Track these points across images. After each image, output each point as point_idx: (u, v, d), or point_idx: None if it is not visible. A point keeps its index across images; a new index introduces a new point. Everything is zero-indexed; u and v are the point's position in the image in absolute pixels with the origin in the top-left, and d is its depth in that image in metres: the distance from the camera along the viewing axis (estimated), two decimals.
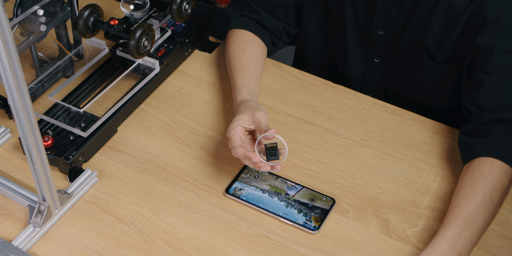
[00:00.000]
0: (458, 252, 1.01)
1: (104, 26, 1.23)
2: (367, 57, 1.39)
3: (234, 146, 1.08)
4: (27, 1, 1.18)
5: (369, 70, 1.41)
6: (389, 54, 1.37)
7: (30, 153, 0.97)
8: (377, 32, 1.33)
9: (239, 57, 1.31)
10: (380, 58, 1.38)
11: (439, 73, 1.31)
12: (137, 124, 1.26)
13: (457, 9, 1.20)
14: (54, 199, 1.06)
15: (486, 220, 1.04)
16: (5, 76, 0.87)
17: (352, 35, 1.38)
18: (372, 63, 1.39)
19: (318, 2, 1.39)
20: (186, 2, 1.28)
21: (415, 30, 1.28)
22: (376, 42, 1.35)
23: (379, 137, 1.23)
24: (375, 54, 1.38)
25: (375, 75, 1.42)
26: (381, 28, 1.32)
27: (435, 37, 1.26)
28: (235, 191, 1.13)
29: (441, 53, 1.28)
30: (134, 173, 1.17)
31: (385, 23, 1.30)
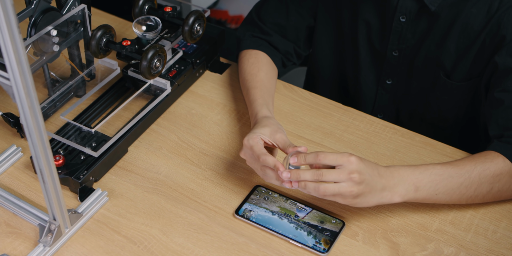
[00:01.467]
0: (417, 184, 1.05)
1: (116, 46, 1.24)
2: (379, 79, 1.40)
3: (263, 152, 1.07)
4: (41, 22, 1.19)
5: (381, 91, 1.41)
6: (402, 75, 1.37)
7: (42, 173, 0.98)
8: (391, 53, 1.33)
9: (255, 74, 1.32)
10: (392, 80, 1.38)
11: (456, 91, 1.32)
12: (147, 144, 1.27)
13: (474, 28, 1.21)
14: (65, 218, 1.07)
15: (462, 186, 1.07)
16: (19, 95, 0.88)
17: (365, 56, 1.38)
18: (384, 85, 1.40)
19: (331, 23, 1.40)
20: (198, 23, 1.30)
21: (431, 50, 1.29)
22: (389, 63, 1.36)
23: (389, 160, 1.23)
24: (387, 75, 1.38)
25: (386, 97, 1.42)
26: (396, 49, 1.32)
27: (451, 57, 1.27)
28: (245, 212, 1.13)
29: (458, 72, 1.28)
30: (144, 193, 1.17)
31: (400, 44, 1.31)
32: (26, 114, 0.90)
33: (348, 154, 1.02)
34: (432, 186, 1.06)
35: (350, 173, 1.00)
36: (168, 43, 1.30)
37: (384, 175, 1.04)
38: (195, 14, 1.28)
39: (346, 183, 1.00)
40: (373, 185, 1.02)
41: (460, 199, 1.10)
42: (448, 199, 1.09)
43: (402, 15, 1.27)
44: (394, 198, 1.05)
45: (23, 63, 0.85)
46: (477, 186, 1.08)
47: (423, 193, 1.06)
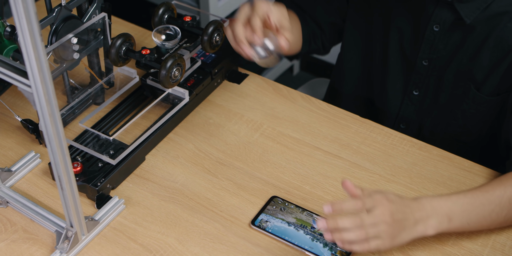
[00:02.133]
0: (450, 215, 1.04)
1: (135, 55, 1.25)
2: (406, 89, 1.39)
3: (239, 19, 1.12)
4: (62, 29, 1.20)
5: (407, 102, 1.40)
6: (430, 86, 1.36)
7: (60, 180, 0.98)
8: (421, 63, 1.33)
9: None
10: (419, 91, 1.37)
11: (484, 105, 1.31)
12: (165, 153, 1.27)
13: (509, 42, 1.21)
14: (82, 225, 1.07)
15: (493, 213, 1.06)
16: (39, 102, 0.89)
17: (395, 63, 1.38)
18: (410, 96, 1.39)
19: (360, 27, 1.40)
20: (217, 33, 1.30)
21: (463, 62, 1.28)
22: (418, 73, 1.35)
23: (406, 173, 1.23)
24: (415, 85, 1.37)
25: (411, 108, 1.41)
26: (426, 59, 1.32)
27: (484, 70, 1.27)
28: (261, 223, 1.13)
29: (488, 85, 1.28)
30: (161, 201, 1.17)
31: (431, 53, 1.31)
32: (46, 121, 0.91)
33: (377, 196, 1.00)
34: (465, 216, 1.05)
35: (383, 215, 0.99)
36: (187, 53, 1.30)
37: (416, 209, 1.03)
38: (214, 24, 1.29)
39: (382, 225, 0.99)
40: (406, 222, 1.01)
41: (490, 225, 1.09)
42: (479, 226, 1.08)
43: (436, 24, 1.27)
44: (428, 231, 1.03)
45: (44, 70, 0.86)
46: (508, 211, 1.07)
47: (456, 223, 1.05)
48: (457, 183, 1.21)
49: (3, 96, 1.41)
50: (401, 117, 1.44)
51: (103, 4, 1.27)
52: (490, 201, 1.06)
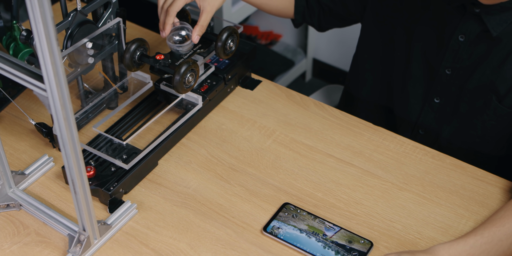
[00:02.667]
0: None
1: (150, 60, 1.26)
2: (427, 96, 1.38)
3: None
4: (77, 34, 1.21)
5: (427, 109, 1.39)
6: (451, 94, 1.35)
7: (74, 183, 0.99)
8: (444, 71, 1.32)
9: None
10: (440, 99, 1.37)
11: (506, 117, 1.30)
12: (177, 158, 1.27)
13: None
14: (94, 229, 1.07)
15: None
16: (54, 107, 0.89)
17: (417, 69, 1.37)
18: (431, 103, 1.38)
19: (378, 31, 1.40)
20: (231, 39, 1.31)
21: (486, 73, 1.28)
22: (441, 81, 1.35)
23: (419, 181, 1.23)
24: (437, 93, 1.37)
25: (431, 116, 1.40)
26: (449, 68, 1.32)
27: (507, 82, 1.26)
28: (273, 229, 1.13)
29: (510, 98, 1.27)
30: (173, 207, 1.18)
31: (454, 63, 1.30)
32: (61, 125, 0.91)
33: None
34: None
35: None
36: (200, 58, 1.31)
37: None
38: (228, 30, 1.29)
39: None
40: None
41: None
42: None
43: (461, 35, 1.27)
44: None
45: (60, 75, 0.86)
46: None
47: None
48: (470, 192, 1.21)
49: (17, 99, 1.42)
50: (420, 124, 1.43)
51: (118, 9, 1.27)
52: (507, 236, 1.05)
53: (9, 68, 0.93)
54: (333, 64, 2.77)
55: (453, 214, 1.17)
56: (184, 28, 1.28)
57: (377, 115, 1.50)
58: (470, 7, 1.23)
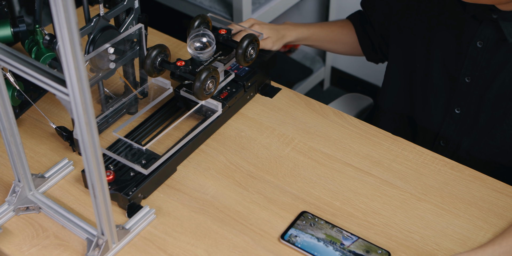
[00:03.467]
0: None
1: (170, 66, 1.26)
2: (448, 107, 1.38)
3: None
4: (99, 39, 1.21)
5: (448, 120, 1.39)
6: (471, 105, 1.35)
7: (94, 188, 0.99)
8: (464, 79, 1.32)
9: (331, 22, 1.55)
10: (461, 109, 1.37)
11: None
12: (196, 164, 1.28)
13: None
14: (113, 234, 1.08)
15: None
16: (76, 111, 0.90)
17: (438, 79, 1.37)
18: (452, 114, 1.38)
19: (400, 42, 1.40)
20: (252, 47, 1.31)
21: (505, 82, 1.27)
22: (461, 90, 1.34)
23: (437, 192, 1.22)
24: (457, 103, 1.36)
25: (452, 127, 1.40)
26: (469, 76, 1.32)
27: None
28: (291, 237, 1.13)
29: None
30: (191, 213, 1.18)
31: (474, 71, 1.30)
32: (83, 129, 0.92)
33: None
34: None
35: None
36: (221, 65, 1.31)
37: None
38: (249, 37, 1.30)
39: None
40: None
41: None
42: None
43: (480, 41, 1.27)
44: None
45: (83, 79, 0.87)
46: None
47: None
48: (489, 204, 1.20)
49: (38, 102, 1.43)
50: (442, 135, 1.42)
51: (140, 15, 1.28)
52: None
53: (32, 72, 0.93)
54: (351, 72, 2.76)
55: (472, 226, 1.16)
56: (205, 35, 1.29)
57: (400, 125, 1.49)
58: (488, 13, 1.23)
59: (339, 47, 1.60)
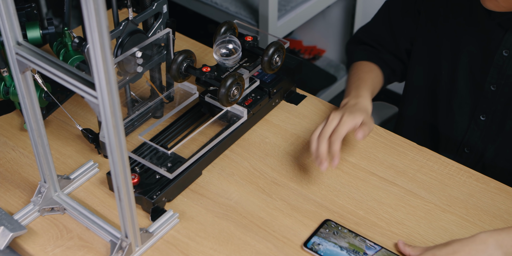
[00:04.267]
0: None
1: (196, 72, 1.26)
2: (473, 114, 1.37)
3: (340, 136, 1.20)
4: (127, 43, 1.22)
5: (473, 127, 1.38)
6: (497, 112, 1.34)
7: (119, 191, 1.00)
8: (489, 87, 1.32)
9: (367, 72, 1.42)
10: (486, 117, 1.36)
11: None
12: (220, 170, 1.28)
13: None
14: (136, 237, 1.08)
15: None
16: (104, 114, 0.91)
17: (463, 87, 1.36)
18: (477, 121, 1.37)
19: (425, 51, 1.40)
20: (277, 54, 1.31)
21: None
22: (486, 97, 1.33)
23: (462, 204, 1.22)
24: (482, 111, 1.36)
25: (477, 134, 1.39)
26: (494, 84, 1.31)
27: None
28: (313, 245, 1.12)
29: None
30: (214, 218, 1.18)
31: (499, 79, 1.29)
32: (110, 132, 0.93)
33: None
34: None
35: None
36: (246, 72, 1.31)
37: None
38: (275, 45, 1.29)
39: None
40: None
41: None
42: None
43: (505, 49, 1.26)
44: None
45: (112, 83, 0.87)
46: None
47: None
48: None
49: (65, 104, 1.44)
50: (466, 142, 1.41)
51: (169, 20, 1.29)
52: None
53: (62, 75, 0.94)
54: None
55: None
56: (231, 41, 1.29)
57: (421, 132, 1.49)
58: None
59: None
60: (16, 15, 0.96)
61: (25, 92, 1.03)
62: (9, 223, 1.12)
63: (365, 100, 1.32)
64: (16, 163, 1.30)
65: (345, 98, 1.35)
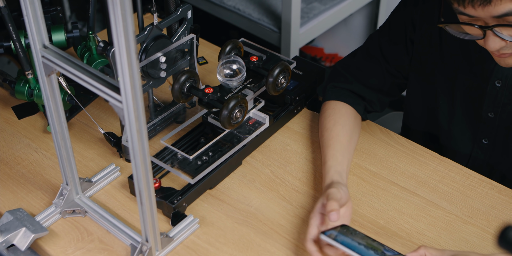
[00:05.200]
0: None
1: (198, 93, 1.23)
2: (475, 138, 1.36)
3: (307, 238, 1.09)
4: (152, 48, 1.23)
5: (476, 150, 1.37)
6: (499, 135, 1.32)
7: (141, 195, 1.00)
8: (487, 115, 1.30)
9: (330, 129, 1.30)
10: (489, 140, 1.34)
11: None
12: (241, 176, 1.28)
13: None
14: (157, 241, 1.08)
15: None
16: (128, 118, 0.91)
17: (462, 116, 1.34)
18: (480, 144, 1.35)
19: (424, 82, 1.37)
20: (283, 76, 1.27)
21: None
22: (486, 123, 1.32)
23: (484, 216, 1.21)
24: (484, 135, 1.34)
25: (481, 157, 1.37)
26: (491, 111, 1.30)
27: None
28: (330, 236, 1.06)
29: None
30: (234, 224, 1.18)
31: (495, 107, 1.28)
32: (133, 136, 0.93)
33: None
34: None
35: None
36: (251, 93, 1.27)
37: None
38: (281, 66, 1.25)
39: None
40: None
41: None
42: None
43: (497, 80, 1.25)
44: None
45: (136, 88, 0.88)
46: None
47: None
48: None
49: (88, 108, 1.45)
50: (471, 165, 1.38)
51: (193, 26, 1.29)
52: None
53: (88, 79, 0.95)
54: None
55: None
56: (235, 61, 1.25)
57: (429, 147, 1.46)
58: None
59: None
60: (43, 19, 0.97)
61: (50, 94, 1.04)
62: (31, 224, 1.13)
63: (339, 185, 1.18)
64: (39, 165, 1.31)
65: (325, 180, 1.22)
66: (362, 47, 1.42)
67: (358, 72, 1.39)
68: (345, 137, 1.29)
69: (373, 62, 1.38)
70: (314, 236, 1.09)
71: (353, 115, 1.35)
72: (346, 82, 1.39)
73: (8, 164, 1.31)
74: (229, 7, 2.34)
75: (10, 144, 1.36)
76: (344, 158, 1.25)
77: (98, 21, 2.61)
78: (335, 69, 1.43)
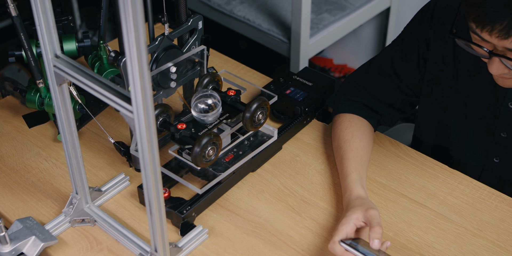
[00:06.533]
0: None
1: (171, 128, 1.16)
2: (486, 157, 1.35)
3: (335, 241, 1.07)
4: (163, 58, 1.23)
5: (487, 168, 1.36)
6: (511, 154, 1.32)
7: (150, 205, 1.00)
8: (500, 135, 1.30)
9: (349, 141, 1.30)
10: (500, 159, 1.34)
11: None
12: (250, 187, 1.28)
13: None
14: (166, 251, 1.08)
15: None
16: (139, 129, 0.91)
17: (473, 135, 1.34)
18: (491, 163, 1.35)
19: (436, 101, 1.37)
20: (260, 111, 1.21)
21: None
22: (498, 143, 1.31)
23: (494, 229, 1.20)
24: (495, 154, 1.33)
25: (492, 175, 1.37)
26: (504, 131, 1.29)
27: None
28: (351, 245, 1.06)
29: None
30: (243, 234, 1.18)
31: (509, 127, 1.28)
32: (144, 147, 0.93)
33: None
34: None
35: None
36: (227, 128, 1.22)
37: None
38: (258, 101, 1.19)
39: None
40: None
41: None
42: None
43: (511, 102, 1.24)
44: None
45: (147, 98, 0.88)
46: None
47: None
48: None
49: (98, 117, 1.46)
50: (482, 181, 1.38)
51: (203, 36, 1.30)
52: None
53: (99, 88, 0.95)
54: None
55: None
56: (211, 95, 1.19)
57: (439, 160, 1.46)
58: None
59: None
60: (55, 29, 0.97)
61: (61, 104, 1.05)
62: (41, 233, 1.13)
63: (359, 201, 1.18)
64: (49, 173, 1.31)
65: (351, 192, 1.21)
66: (374, 62, 1.41)
67: (371, 87, 1.39)
68: (363, 151, 1.29)
69: (385, 78, 1.38)
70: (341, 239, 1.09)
71: (368, 129, 1.35)
72: (359, 96, 1.39)
73: (18, 173, 1.31)
74: (239, 18, 2.35)
75: (20, 153, 1.36)
76: (364, 173, 1.26)
77: (109, 31, 2.62)
78: (348, 82, 1.43)
